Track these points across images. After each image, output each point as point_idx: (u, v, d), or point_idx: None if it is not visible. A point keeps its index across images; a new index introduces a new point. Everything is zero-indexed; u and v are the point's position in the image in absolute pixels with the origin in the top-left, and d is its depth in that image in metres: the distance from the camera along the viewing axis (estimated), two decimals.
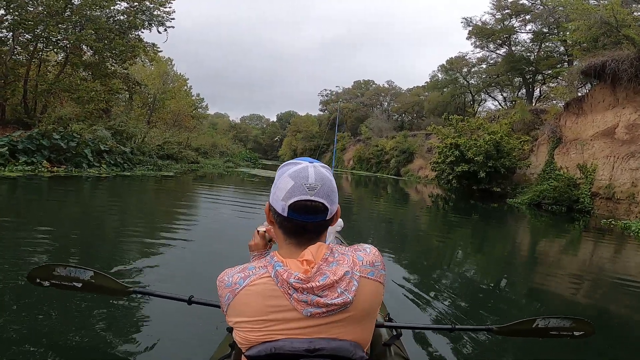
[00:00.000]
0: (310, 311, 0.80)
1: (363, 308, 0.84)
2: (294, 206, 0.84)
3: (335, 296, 0.79)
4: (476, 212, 12.74)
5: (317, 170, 0.87)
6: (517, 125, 19.72)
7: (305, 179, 0.85)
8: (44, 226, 4.61)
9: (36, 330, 2.11)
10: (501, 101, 36.56)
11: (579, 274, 5.25)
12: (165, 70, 27.38)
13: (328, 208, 0.86)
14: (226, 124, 75.86)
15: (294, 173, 0.86)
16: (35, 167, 9.77)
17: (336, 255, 0.85)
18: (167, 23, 17.33)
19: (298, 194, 0.84)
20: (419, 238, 7.39)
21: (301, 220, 0.85)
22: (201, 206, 8.42)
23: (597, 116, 14.58)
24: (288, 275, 0.80)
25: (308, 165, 0.87)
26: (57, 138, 10.84)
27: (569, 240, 8.75)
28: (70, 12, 14.54)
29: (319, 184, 0.85)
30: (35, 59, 15.03)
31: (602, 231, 9.75)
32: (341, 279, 0.80)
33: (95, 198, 8.17)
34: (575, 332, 1.53)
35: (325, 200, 0.85)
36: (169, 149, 18.04)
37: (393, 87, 56.86)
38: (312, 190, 0.84)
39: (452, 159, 18.93)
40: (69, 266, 1.60)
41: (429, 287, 3.78)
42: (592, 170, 13.57)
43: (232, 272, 0.88)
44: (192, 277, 3.27)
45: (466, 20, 31.11)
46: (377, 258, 0.89)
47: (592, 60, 14.06)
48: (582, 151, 14.51)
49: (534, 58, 29.34)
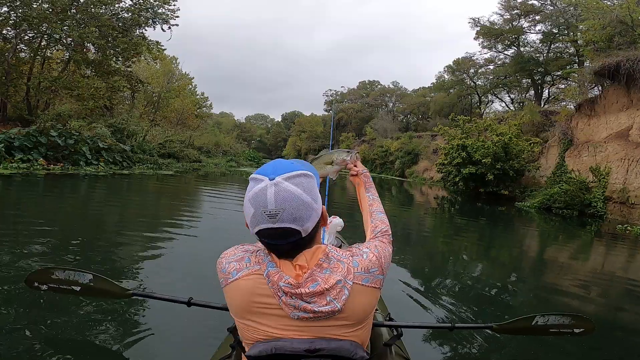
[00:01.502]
0: (298, 315, 0.80)
1: (354, 314, 0.83)
2: (259, 234, 0.82)
3: (323, 304, 0.79)
4: (483, 215, 12.37)
5: (279, 189, 0.78)
6: (525, 127, 19.26)
7: (264, 205, 0.78)
8: (35, 226, 4.48)
9: (35, 333, 2.08)
10: (508, 103, 36.05)
11: (587, 279, 4.98)
12: (170, 69, 27.28)
13: (298, 230, 0.79)
14: (231, 123, 75.69)
15: (253, 197, 0.80)
16: (30, 164, 9.57)
17: (331, 262, 0.83)
18: (171, 21, 17.21)
19: (260, 223, 0.79)
20: (423, 239, 7.20)
21: (274, 244, 0.82)
22: (200, 206, 8.17)
23: (610, 118, 14.09)
24: (279, 277, 0.80)
25: (267, 185, 0.79)
26: (54, 135, 10.65)
27: (579, 245, 8.41)
28: (75, 9, 14.44)
29: (281, 208, 0.77)
30: (39, 57, 14.95)
31: (616, 236, 9.35)
32: (332, 287, 0.79)
33: (88, 197, 7.94)
34: (575, 330, 1.50)
35: (292, 224, 0.78)
36: (170, 147, 17.83)
37: (398, 87, 56.41)
38: (273, 218, 0.78)
39: (458, 161, 18.50)
40: (67, 269, 1.55)
41: (430, 287, 3.72)
42: (606, 173, 13.07)
43: (231, 256, 0.88)
44: (191, 279, 3.25)
45: (474, 21, 30.60)
46: (374, 263, 0.86)
47: (605, 61, 13.60)
48: (594, 154, 14.01)
49: (543, 59, 28.79)
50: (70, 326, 2.21)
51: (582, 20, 16.79)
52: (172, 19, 17.08)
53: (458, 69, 37.25)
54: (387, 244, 0.98)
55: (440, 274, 4.49)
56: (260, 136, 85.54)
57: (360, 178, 1.27)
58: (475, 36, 31.16)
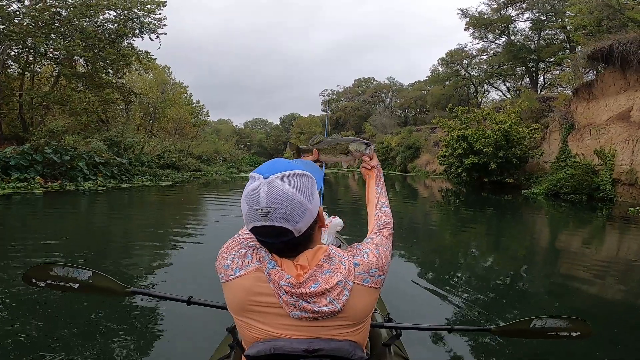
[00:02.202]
0: (297, 314, 0.80)
1: (354, 315, 0.83)
2: (253, 231, 0.82)
3: (324, 304, 0.79)
4: (489, 205, 12.17)
5: (272, 188, 0.78)
6: (524, 114, 19.10)
7: (256, 203, 0.78)
8: (39, 241, 4.50)
9: (35, 332, 2.06)
10: (504, 91, 35.85)
11: (603, 268, 4.74)
12: (163, 78, 27.17)
13: (290, 229, 0.78)
14: (229, 129, 75.61)
15: (248, 194, 0.80)
16: (28, 183, 9.43)
17: (332, 263, 0.83)
18: (159, 30, 17.10)
19: (253, 220, 0.79)
20: (429, 234, 7.01)
21: (268, 242, 0.82)
22: (201, 213, 8.01)
23: (609, 100, 13.92)
24: (280, 276, 0.79)
25: (261, 184, 0.79)
26: (49, 152, 10.51)
27: (591, 230, 8.18)
28: (58, 23, 14.31)
29: (272, 207, 0.77)
30: (27, 72, 14.83)
31: (628, 219, 9.14)
32: (333, 288, 0.80)
33: (89, 212, 7.80)
34: (573, 333, 1.50)
35: (284, 223, 0.77)
36: (169, 157, 17.69)
37: (394, 83, 56.25)
38: (264, 216, 0.77)
39: (460, 152, 18.32)
40: (66, 266, 1.53)
41: (433, 287, 3.59)
42: (611, 155, 12.86)
43: (233, 252, 0.87)
44: (190, 278, 3.22)
45: (462, 12, 30.41)
46: (374, 264, 0.86)
47: (597, 45, 13.50)
48: (597, 136, 13.82)
49: (534, 46, 28.60)
50: (68, 324, 2.18)
51: (569, 6, 16.60)
52: (159, 27, 16.99)
53: (452, 60, 37.11)
54: (388, 237, 0.99)
55: (445, 271, 4.35)
56: (260, 141, 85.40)
57: (373, 172, 1.26)
58: (465, 27, 30.99)
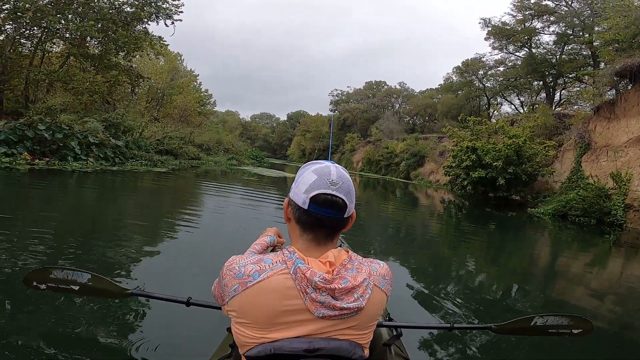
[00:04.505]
0: (323, 312, 0.80)
1: (369, 315, 0.86)
2: (315, 199, 0.85)
3: (351, 300, 0.81)
4: (492, 220, 11.67)
5: (339, 169, 0.90)
6: (537, 129, 18.44)
7: (328, 175, 0.86)
8: (27, 227, 4.17)
9: (33, 332, 2.05)
10: (518, 106, 35.16)
11: (600, 288, 4.77)
12: (175, 65, 26.84)
13: (347, 205, 0.87)
14: (236, 121, 75.36)
15: (317, 169, 0.88)
16: (14, 159, 9.02)
17: (355, 264, 0.86)
18: (175, 16, 16.76)
19: (321, 188, 0.85)
20: (427, 242, 7.08)
21: (321, 214, 0.85)
22: (197, 205, 7.56)
23: (631, 121, 13.27)
24: (312, 273, 0.80)
25: (330, 165, 0.90)
26: (42, 129, 10.11)
27: (595, 254, 7.85)
28: (76, 3, 14.10)
29: (340, 181, 0.87)
30: (39, 50, 14.60)
31: (635, 246, 8.61)
32: (359, 285, 0.82)
33: (73, 195, 7.38)
34: (574, 330, 1.50)
35: (346, 197, 0.86)
36: (168, 144, 17.27)
37: (405, 88, 55.60)
38: (334, 186, 0.85)
39: (467, 164, 17.72)
40: (66, 269, 1.57)
41: (432, 289, 3.71)
42: (627, 179, 12.25)
43: (243, 261, 0.85)
44: (190, 279, 3.19)
45: (484, 21, 29.79)
46: (388, 273, 0.92)
47: (627, 62, 12.87)
48: (614, 159, 13.19)
49: (555, 61, 27.90)
50: (68, 326, 2.18)
51: (604, 19, 15.98)
52: (175, 14, 16.66)
53: (467, 70, 36.48)
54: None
55: (443, 277, 4.42)
56: (265, 135, 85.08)
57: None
58: (486, 36, 30.38)
